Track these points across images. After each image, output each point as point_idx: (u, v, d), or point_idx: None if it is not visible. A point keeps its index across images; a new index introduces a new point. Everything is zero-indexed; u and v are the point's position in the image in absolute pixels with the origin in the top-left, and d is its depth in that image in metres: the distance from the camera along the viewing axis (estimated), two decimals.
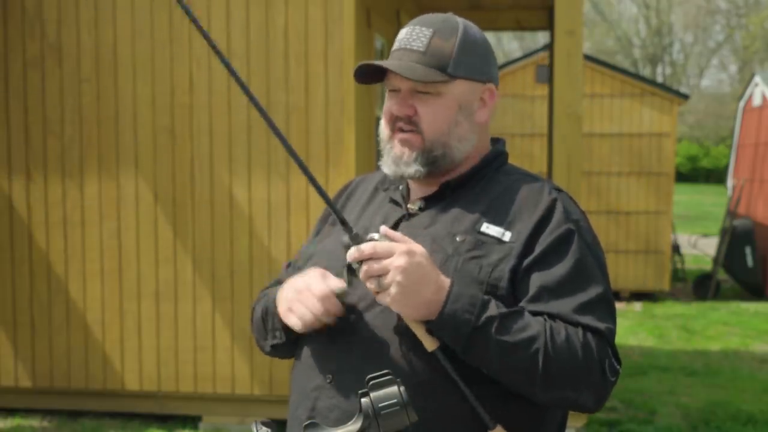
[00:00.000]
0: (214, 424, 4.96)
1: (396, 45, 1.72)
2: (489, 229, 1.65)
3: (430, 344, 1.55)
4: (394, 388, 1.37)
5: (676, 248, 10.74)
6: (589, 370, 1.55)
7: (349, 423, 1.37)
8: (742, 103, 12.12)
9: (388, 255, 1.52)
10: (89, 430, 4.94)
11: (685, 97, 10.66)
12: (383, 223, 1.71)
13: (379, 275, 1.52)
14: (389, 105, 1.72)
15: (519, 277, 1.61)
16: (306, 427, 1.42)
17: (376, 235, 1.56)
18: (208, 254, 4.89)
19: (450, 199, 1.73)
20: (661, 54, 36.07)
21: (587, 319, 1.57)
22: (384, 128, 1.74)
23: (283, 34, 4.77)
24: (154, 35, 4.88)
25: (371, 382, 1.40)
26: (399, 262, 1.51)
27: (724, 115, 30.84)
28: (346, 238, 1.57)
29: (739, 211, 10.71)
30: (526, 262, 1.61)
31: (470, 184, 1.74)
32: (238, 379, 4.92)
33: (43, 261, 5.03)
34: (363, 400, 1.37)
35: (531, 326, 1.54)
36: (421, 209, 1.74)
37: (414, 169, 1.70)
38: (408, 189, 1.80)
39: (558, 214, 1.66)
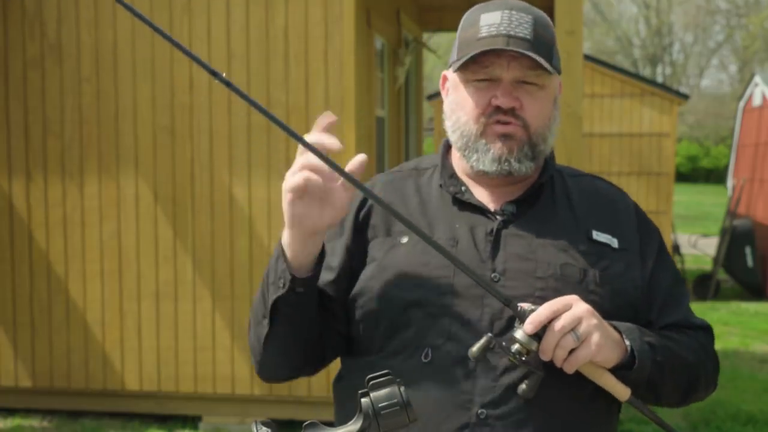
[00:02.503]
0: (214, 424, 4.96)
1: (491, 30, 1.49)
2: (599, 236, 1.53)
3: (624, 392, 1.40)
4: (394, 388, 1.37)
5: (676, 248, 10.74)
6: (715, 367, 1.59)
7: (349, 423, 1.37)
8: (742, 103, 12.13)
9: (566, 308, 1.37)
10: (89, 430, 4.94)
11: (685, 97, 10.68)
12: (472, 231, 1.52)
13: (572, 328, 1.36)
14: (486, 94, 1.50)
15: (644, 289, 1.55)
16: (306, 427, 1.42)
17: (527, 305, 1.40)
18: (208, 254, 4.89)
19: (539, 204, 1.57)
20: (661, 54, 36.08)
21: (696, 320, 1.60)
22: (472, 121, 1.52)
23: (283, 34, 4.77)
24: (154, 35, 4.87)
25: (371, 382, 1.40)
26: (584, 305, 1.38)
27: (724, 115, 30.85)
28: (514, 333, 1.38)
29: (739, 211, 10.72)
30: (646, 273, 1.55)
31: (549, 185, 1.60)
32: (238, 379, 4.92)
33: (43, 261, 5.03)
34: (363, 400, 1.37)
35: (676, 342, 1.51)
36: (513, 214, 1.54)
37: (527, 165, 1.52)
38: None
39: (647, 220, 1.62)
